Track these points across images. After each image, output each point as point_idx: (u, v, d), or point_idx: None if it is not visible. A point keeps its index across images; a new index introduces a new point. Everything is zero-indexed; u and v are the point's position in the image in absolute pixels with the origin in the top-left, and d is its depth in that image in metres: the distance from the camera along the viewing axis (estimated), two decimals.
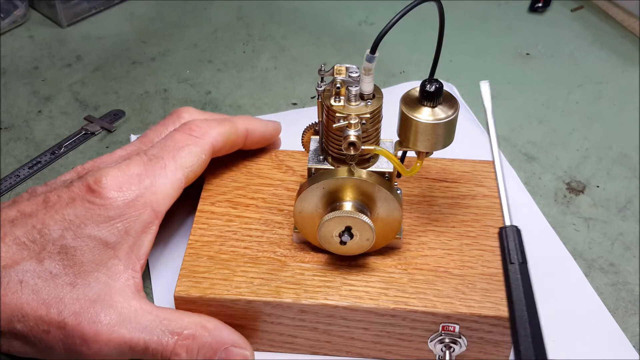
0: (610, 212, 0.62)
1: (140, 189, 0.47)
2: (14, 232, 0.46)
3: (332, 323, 0.47)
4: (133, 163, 0.48)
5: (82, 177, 0.48)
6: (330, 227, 0.46)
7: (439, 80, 0.46)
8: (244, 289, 0.47)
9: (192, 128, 0.51)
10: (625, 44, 0.82)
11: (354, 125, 0.44)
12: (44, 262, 0.45)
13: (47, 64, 0.78)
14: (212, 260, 0.48)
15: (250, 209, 0.52)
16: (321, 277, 0.48)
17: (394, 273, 0.48)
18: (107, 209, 0.46)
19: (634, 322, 0.53)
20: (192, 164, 0.50)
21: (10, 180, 0.64)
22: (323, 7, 0.87)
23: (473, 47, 0.82)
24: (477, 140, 0.67)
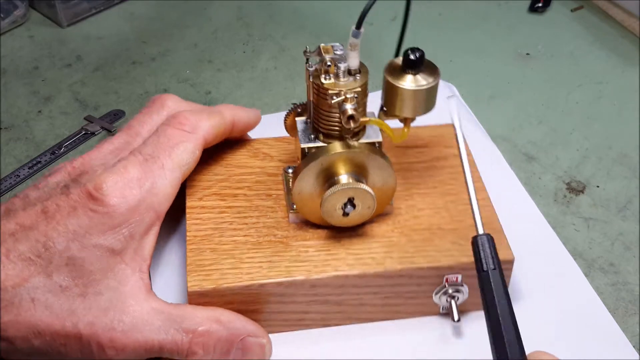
0: (610, 212, 0.62)
1: (142, 193, 0.46)
2: (17, 248, 0.45)
3: (343, 293, 0.49)
4: (130, 165, 0.47)
5: (78, 182, 0.46)
6: (334, 201, 0.48)
7: (420, 49, 0.48)
8: (255, 274, 0.47)
9: (182, 122, 0.50)
10: (625, 44, 0.82)
11: (349, 99, 0.46)
12: (52, 276, 0.44)
13: (47, 64, 0.78)
14: (215, 252, 0.49)
15: (238, 198, 0.52)
16: (326, 252, 0.49)
17: (393, 237, 0.50)
18: (111, 217, 0.45)
19: (634, 322, 0.53)
20: (188, 161, 0.49)
21: (10, 180, 0.64)
22: (323, 7, 0.87)
23: (473, 47, 0.82)
24: (477, 140, 0.67)
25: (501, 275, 0.40)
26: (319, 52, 0.47)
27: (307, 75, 0.48)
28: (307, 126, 0.50)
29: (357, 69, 0.47)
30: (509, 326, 0.39)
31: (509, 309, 0.40)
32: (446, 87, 0.73)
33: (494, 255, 0.41)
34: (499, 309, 0.39)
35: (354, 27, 0.45)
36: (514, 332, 0.39)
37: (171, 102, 0.53)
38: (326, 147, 0.48)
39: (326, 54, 0.47)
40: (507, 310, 0.39)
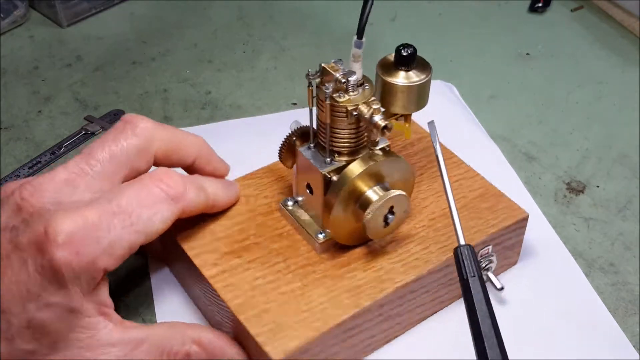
0: (610, 212, 0.62)
1: (97, 251, 0.41)
2: None
3: (402, 303, 0.49)
4: (94, 214, 0.41)
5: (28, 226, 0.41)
6: (377, 216, 0.47)
7: (412, 45, 0.48)
8: (326, 317, 0.45)
9: (170, 185, 0.45)
10: (625, 44, 0.82)
11: (376, 110, 0.45)
12: (14, 342, 0.40)
13: (47, 64, 0.78)
14: (270, 313, 0.45)
15: (252, 250, 0.50)
16: (372, 270, 0.48)
17: (420, 232, 0.51)
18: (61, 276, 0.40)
19: (634, 322, 0.53)
20: (157, 230, 0.44)
21: (10, 181, 0.64)
22: (323, 7, 0.87)
23: (473, 47, 0.82)
24: (477, 139, 0.67)
25: (481, 282, 0.43)
26: (322, 72, 0.45)
27: (310, 98, 0.47)
28: (315, 152, 0.48)
29: (361, 80, 0.46)
30: (490, 331, 0.40)
31: (489, 313, 0.41)
32: (446, 87, 0.73)
33: (476, 264, 0.43)
34: (479, 315, 0.41)
35: (355, 37, 0.45)
36: (495, 336, 0.40)
37: (144, 124, 0.47)
38: (349, 169, 0.47)
39: (335, 71, 0.45)
40: (488, 316, 0.41)
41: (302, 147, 0.49)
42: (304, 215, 0.51)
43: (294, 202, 0.52)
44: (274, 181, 0.54)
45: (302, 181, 0.50)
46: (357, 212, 0.48)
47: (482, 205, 0.53)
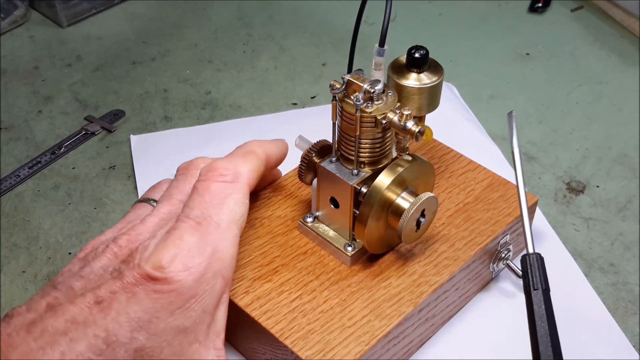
0: (610, 212, 0.62)
1: (206, 260, 0.41)
2: (74, 349, 0.38)
3: (437, 304, 0.49)
4: (184, 233, 0.41)
5: (130, 263, 0.41)
6: (411, 222, 0.47)
7: (425, 47, 0.48)
8: (372, 331, 0.45)
9: (222, 173, 0.45)
10: (625, 44, 0.82)
11: (407, 116, 0.44)
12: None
13: (47, 64, 0.78)
14: (316, 334, 0.45)
15: (280, 272, 0.49)
16: (406, 275, 0.48)
17: (442, 231, 0.51)
18: (179, 294, 0.40)
19: (634, 322, 0.53)
20: (242, 214, 0.44)
21: (10, 180, 0.64)
22: (323, 7, 0.87)
23: (473, 47, 0.82)
24: (477, 139, 0.67)
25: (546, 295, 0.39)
26: (347, 85, 0.45)
27: (334, 112, 0.46)
28: (337, 164, 0.48)
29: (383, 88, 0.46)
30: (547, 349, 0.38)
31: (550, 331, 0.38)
32: (446, 87, 0.73)
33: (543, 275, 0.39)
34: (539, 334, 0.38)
35: (376, 45, 0.44)
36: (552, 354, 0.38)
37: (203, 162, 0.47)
38: (379, 181, 0.46)
39: (361, 83, 0.44)
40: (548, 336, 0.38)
41: (324, 162, 0.48)
42: (328, 230, 0.50)
43: (313, 218, 0.51)
44: (283, 199, 0.53)
45: (325, 195, 0.49)
46: (388, 219, 0.47)
47: (493, 195, 0.53)
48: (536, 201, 0.54)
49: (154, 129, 0.70)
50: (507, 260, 0.53)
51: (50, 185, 0.64)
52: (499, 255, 0.52)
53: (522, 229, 0.43)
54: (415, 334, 0.48)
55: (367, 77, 0.45)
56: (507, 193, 0.54)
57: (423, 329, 0.49)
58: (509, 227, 0.52)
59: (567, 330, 0.52)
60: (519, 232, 0.53)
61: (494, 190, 0.54)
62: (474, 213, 0.52)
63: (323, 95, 0.74)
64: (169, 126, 0.70)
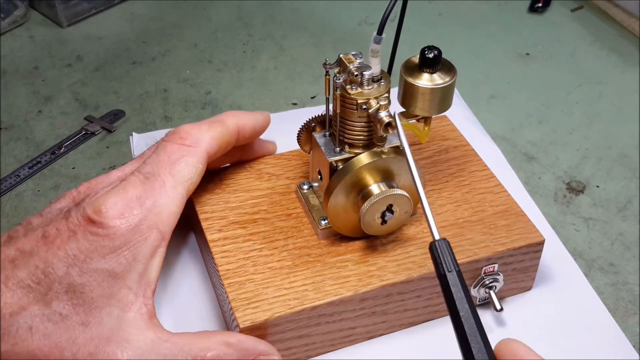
0: (610, 212, 0.62)
1: (143, 212, 0.44)
2: (16, 275, 0.43)
3: (389, 302, 0.49)
4: (130, 185, 0.45)
5: (79, 206, 0.44)
6: (373, 211, 0.47)
7: (438, 47, 0.48)
8: (303, 298, 0.46)
9: (183, 136, 0.48)
10: (625, 44, 0.82)
11: (383, 107, 0.45)
12: (51, 304, 0.42)
13: (47, 64, 0.78)
14: (254, 283, 0.47)
15: (258, 223, 0.51)
16: (365, 263, 0.49)
17: (425, 237, 0.50)
18: (112, 239, 0.43)
19: (634, 322, 0.53)
20: (191, 176, 0.47)
21: (10, 180, 0.64)
22: (323, 7, 0.87)
23: (473, 47, 0.82)
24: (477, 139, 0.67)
25: (460, 277, 0.40)
26: (339, 62, 0.46)
27: (327, 87, 0.47)
28: (328, 139, 0.49)
29: (379, 75, 0.46)
30: (472, 326, 0.39)
31: (470, 309, 0.39)
32: None
33: (452, 259, 0.40)
34: (461, 310, 0.39)
35: (375, 33, 0.45)
36: (478, 331, 0.39)
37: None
38: (356, 159, 0.47)
39: (350, 63, 0.45)
40: (469, 311, 0.39)
41: (318, 134, 0.50)
42: (315, 201, 0.51)
43: (309, 187, 0.52)
44: (301, 164, 0.55)
45: (315, 167, 0.51)
46: (358, 204, 0.48)
47: (499, 222, 0.51)
48: (542, 241, 0.51)
49: (154, 129, 0.70)
50: (492, 290, 0.51)
51: (50, 185, 0.64)
52: (483, 282, 0.50)
53: (426, 219, 0.43)
54: (359, 323, 0.48)
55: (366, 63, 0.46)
56: (514, 224, 0.51)
57: (369, 321, 0.49)
58: (497, 256, 0.50)
59: (567, 330, 0.52)
60: (515, 267, 0.51)
61: (503, 217, 0.51)
62: (468, 232, 0.50)
63: (323, 95, 0.74)
64: (169, 126, 0.70)
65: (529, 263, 0.51)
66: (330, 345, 0.49)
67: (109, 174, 0.49)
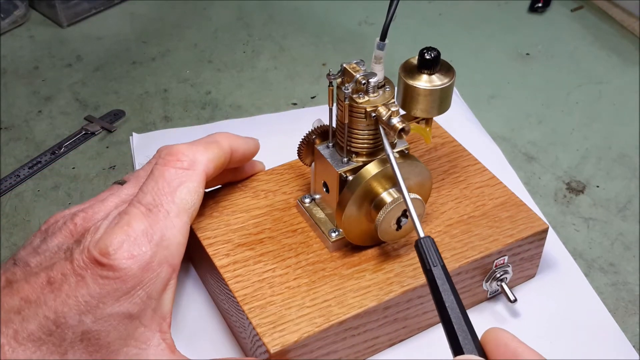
0: (610, 212, 0.62)
1: (152, 248, 0.42)
2: (26, 328, 0.40)
3: (410, 307, 0.48)
4: (133, 219, 0.43)
5: (80, 244, 0.42)
6: (389, 219, 0.47)
7: (436, 49, 0.48)
8: (328, 315, 0.46)
9: (180, 158, 0.46)
10: (625, 44, 0.82)
11: (394, 113, 0.45)
12: (67, 355, 0.41)
13: (47, 64, 0.78)
14: (275, 305, 0.46)
15: (265, 243, 0.50)
16: (382, 271, 0.48)
17: (435, 238, 0.50)
18: (124, 281, 0.41)
19: (634, 322, 0.53)
20: (194, 203, 0.45)
21: (10, 180, 0.64)
22: (323, 7, 0.87)
23: (473, 47, 0.82)
24: (477, 139, 0.67)
25: (444, 271, 0.41)
26: (343, 72, 0.46)
27: (330, 98, 0.47)
28: (333, 150, 0.49)
29: (383, 82, 0.46)
30: (458, 318, 0.39)
31: (456, 300, 0.40)
32: None
33: (437, 254, 0.41)
34: (446, 301, 0.40)
35: (377, 39, 0.45)
36: (464, 322, 0.39)
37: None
38: (365, 169, 0.47)
39: (354, 72, 0.45)
40: (455, 303, 0.40)
41: (320, 146, 0.49)
42: (320, 213, 0.51)
43: (311, 200, 0.52)
44: (295, 178, 0.55)
45: (320, 179, 0.50)
46: (371, 213, 0.47)
47: (501, 214, 0.52)
48: (546, 229, 0.51)
49: (154, 129, 0.70)
50: (503, 282, 0.51)
51: (50, 185, 0.64)
52: (494, 275, 0.51)
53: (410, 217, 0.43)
54: (382, 332, 0.48)
55: (369, 69, 0.45)
56: (517, 215, 0.52)
57: (391, 328, 0.49)
58: (507, 248, 0.50)
59: (567, 330, 0.52)
60: (522, 256, 0.52)
61: (505, 209, 0.52)
62: (475, 227, 0.51)
63: (323, 95, 0.74)
64: (169, 126, 0.70)
65: (535, 251, 0.52)
66: (355, 357, 0.48)
67: (104, 200, 0.46)
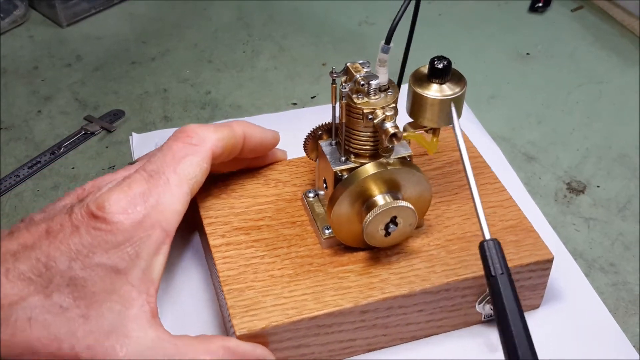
0: (610, 212, 0.62)
1: (147, 209, 0.44)
2: (17, 267, 0.43)
3: (390, 315, 0.48)
4: (134, 182, 0.45)
5: (82, 202, 0.45)
6: (377, 223, 0.47)
7: (447, 58, 0.47)
8: (301, 308, 0.46)
9: (190, 135, 0.48)
10: (625, 44, 0.82)
11: (389, 117, 0.44)
12: (52, 296, 0.42)
13: (47, 64, 0.78)
14: (254, 290, 0.47)
15: (262, 230, 0.51)
16: (367, 275, 0.48)
17: (431, 250, 0.49)
18: (115, 234, 0.43)
19: (634, 322, 0.53)
20: (195, 175, 0.47)
21: (10, 180, 0.64)
22: (323, 7, 0.87)
23: (473, 47, 0.82)
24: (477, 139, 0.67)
25: (510, 279, 0.40)
26: (346, 71, 0.45)
27: (333, 95, 0.47)
28: (334, 148, 0.49)
29: (386, 85, 0.46)
30: (520, 332, 0.38)
31: (519, 313, 0.39)
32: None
33: (502, 260, 0.40)
34: (510, 314, 0.39)
35: (382, 42, 0.44)
36: (526, 338, 0.38)
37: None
38: (362, 169, 0.46)
39: (355, 72, 0.45)
40: (518, 315, 0.39)
41: (324, 142, 0.49)
42: (320, 209, 0.51)
43: (315, 195, 0.52)
44: (309, 172, 0.55)
45: (321, 175, 0.50)
46: (362, 214, 0.47)
47: (508, 237, 0.50)
48: (551, 259, 0.49)
49: (154, 129, 0.70)
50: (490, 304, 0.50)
51: (50, 185, 0.64)
52: (488, 298, 0.49)
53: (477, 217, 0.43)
54: (359, 335, 0.48)
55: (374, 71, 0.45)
56: (523, 240, 0.50)
57: (370, 333, 0.48)
58: None
59: (567, 330, 0.52)
60: (523, 284, 0.50)
61: (513, 233, 0.50)
62: (474, 246, 0.48)
63: (323, 95, 0.74)
64: (168, 126, 0.70)
65: (537, 281, 0.50)
66: (329, 356, 0.48)
67: (115, 173, 0.49)
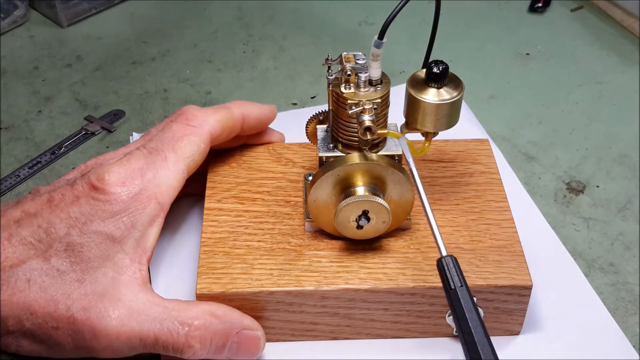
0: (610, 212, 0.62)
1: (144, 182, 0.47)
2: (19, 232, 0.46)
3: (353, 307, 0.48)
4: (133, 157, 0.48)
5: (84, 175, 0.48)
6: (347, 213, 0.47)
7: (444, 62, 0.47)
8: (265, 281, 0.47)
9: (189, 117, 0.51)
10: (625, 44, 0.82)
11: (368, 110, 0.45)
12: (50, 260, 0.46)
13: (47, 64, 0.78)
14: (228, 256, 0.49)
15: (257, 203, 0.53)
16: (338, 263, 0.49)
17: (409, 253, 0.50)
18: (112, 204, 0.46)
19: (634, 322, 0.53)
20: (193, 154, 0.50)
21: (10, 180, 0.64)
22: (323, 7, 0.87)
23: (473, 47, 0.82)
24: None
25: (468, 292, 0.41)
26: (340, 60, 0.46)
27: (328, 82, 0.47)
28: (327, 135, 0.50)
29: (379, 80, 0.46)
30: (482, 339, 0.40)
31: (480, 323, 0.40)
32: None
33: (460, 274, 0.42)
34: (471, 323, 0.40)
35: (376, 37, 0.44)
36: (488, 345, 0.40)
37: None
38: (344, 157, 0.47)
39: (347, 62, 0.46)
40: (479, 324, 0.40)
41: (322, 126, 0.50)
42: None
43: None
44: None
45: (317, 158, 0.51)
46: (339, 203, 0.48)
47: (491, 256, 0.49)
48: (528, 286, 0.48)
49: None
50: None
51: None
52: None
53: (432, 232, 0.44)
54: (321, 320, 0.49)
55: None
56: (506, 262, 0.49)
57: (332, 321, 0.49)
58: (475, 289, 0.47)
59: (567, 330, 0.52)
60: (499, 307, 0.49)
61: (498, 253, 0.49)
62: None
63: (323, 95, 0.74)
64: None
65: (514, 306, 0.49)
66: (291, 334, 0.50)
67: (116, 151, 0.52)
